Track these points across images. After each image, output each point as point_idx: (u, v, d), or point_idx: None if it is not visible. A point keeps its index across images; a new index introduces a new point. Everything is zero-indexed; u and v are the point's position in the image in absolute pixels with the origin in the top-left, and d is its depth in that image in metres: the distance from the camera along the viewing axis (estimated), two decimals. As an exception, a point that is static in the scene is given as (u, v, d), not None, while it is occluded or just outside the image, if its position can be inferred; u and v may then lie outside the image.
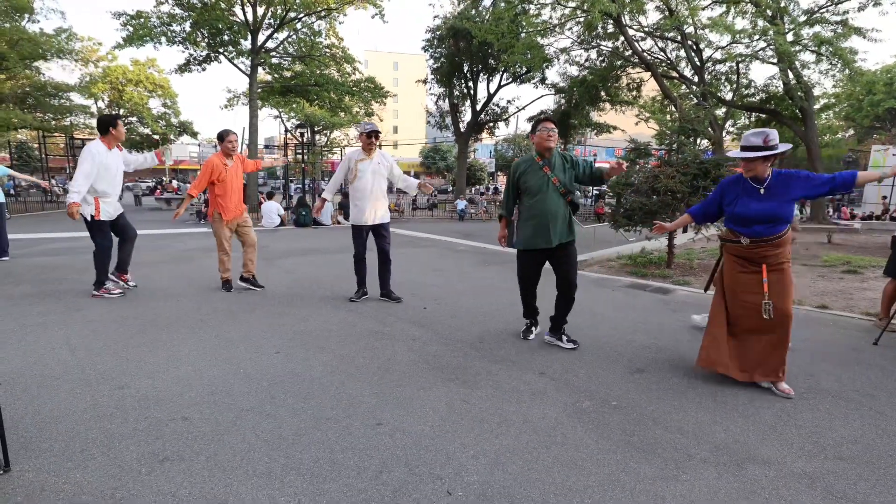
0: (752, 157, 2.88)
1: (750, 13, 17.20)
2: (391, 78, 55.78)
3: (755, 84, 21.19)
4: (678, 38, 18.80)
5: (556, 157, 3.63)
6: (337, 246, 9.62)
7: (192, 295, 5.15)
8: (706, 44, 18.86)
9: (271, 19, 18.56)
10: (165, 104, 36.38)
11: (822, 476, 2.16)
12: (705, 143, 21.49)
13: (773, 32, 15.61)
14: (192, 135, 37.04)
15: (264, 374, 3.11)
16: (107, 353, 3.40)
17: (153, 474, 2.05)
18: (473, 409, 2.71)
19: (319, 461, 2.18)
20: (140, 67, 34.85)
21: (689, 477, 2.13)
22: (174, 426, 2.44)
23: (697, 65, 19.45)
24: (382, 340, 3.84)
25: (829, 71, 17.93)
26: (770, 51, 17.02)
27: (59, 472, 2.05)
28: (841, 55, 15.87)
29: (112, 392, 2.79)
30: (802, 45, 16.52)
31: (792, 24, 16.81)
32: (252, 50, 18.28)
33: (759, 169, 2.92)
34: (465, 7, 22.94)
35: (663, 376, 3.25)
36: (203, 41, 18.68)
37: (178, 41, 18.34)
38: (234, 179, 5.27)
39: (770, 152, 2.86)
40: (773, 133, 2.90)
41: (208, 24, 17.49)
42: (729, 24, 16.51)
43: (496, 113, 27.36)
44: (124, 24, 17.50)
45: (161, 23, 17.85)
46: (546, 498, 1.97)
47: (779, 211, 2.92)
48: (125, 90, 34.05)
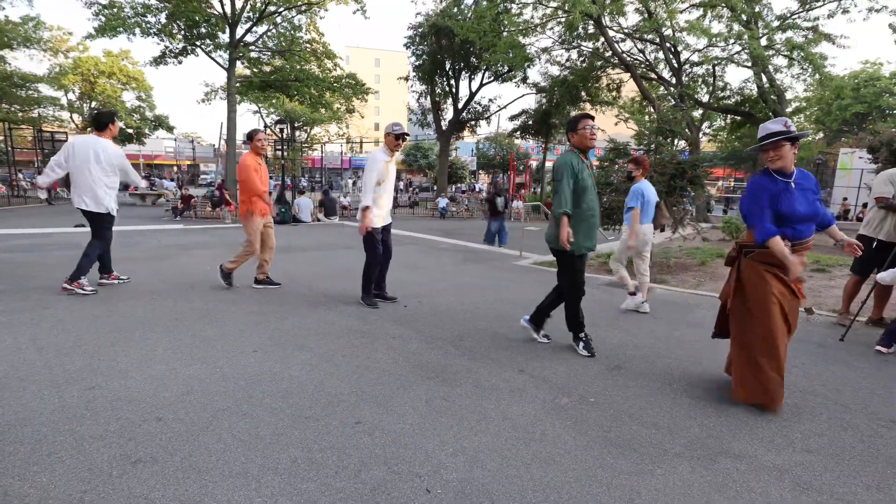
0: (779, 140, 2.65)
1: (726, 17, 17.59)
2: (373, 74, 55.41)
3: (731, 87, 21.74)
4: (657, 40, 19.11)
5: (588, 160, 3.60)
6: (317, 243, 9.53)
7: (167, 293, 5.04)
8: (684, 46, 19.26)
9: (250, 12, 18.22)
10: (140, 97, 35.47)
11: (790, 468, 2.23)
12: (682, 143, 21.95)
13: (747, 36, 16.01)
14: (168, 129, 36.21)
15: (241, 373, 3.06)
16: (77, 352, 3.30)
17: (125, 477, 2.00)
18: (453, 407, 2.71)
19: (297, 461, 2.15)
20: (113, 59, 33.87)
21: (663, 471, 2.17)
22: (147, 427, 2.38)
23: (675, 67, 19.81)
24: (362, 339, 3.82)
25: (800, 75, 18.52)
26: (745, 54, 17.45)
27: (25, 476, 1.98)
28: (811, 60, 16.38)
29: (82, 393, 2.71)
30: (775, 49, 16.99)
31: (766, 28, 17.25)
32: (230, 43, 17.92)
33: (788, 157, 2.69)
34: (447, 4, 22.90)
35: (640, 373, 3.31)
36: (179, 33, 18.23)
37: (152, 33, 17.86)
38: (265, 178, 5.30)
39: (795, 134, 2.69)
40: (789, 121, 2.76)
41: (184, 15, 17.07)
42: (706, 27, 16.86)
43: (478, 111, 27.44)
44: (96, 14, 16.97)
45: (135, 13, 17.36)
46: (524, 494, 1.98)
47: (819, 208, 2.77)
48: (97, 82, 33.07)
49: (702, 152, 19.88)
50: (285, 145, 20.36)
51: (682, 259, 8.44)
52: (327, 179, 38.65)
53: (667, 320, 4.66)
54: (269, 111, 28.29)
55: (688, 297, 5.78)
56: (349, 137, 34.80)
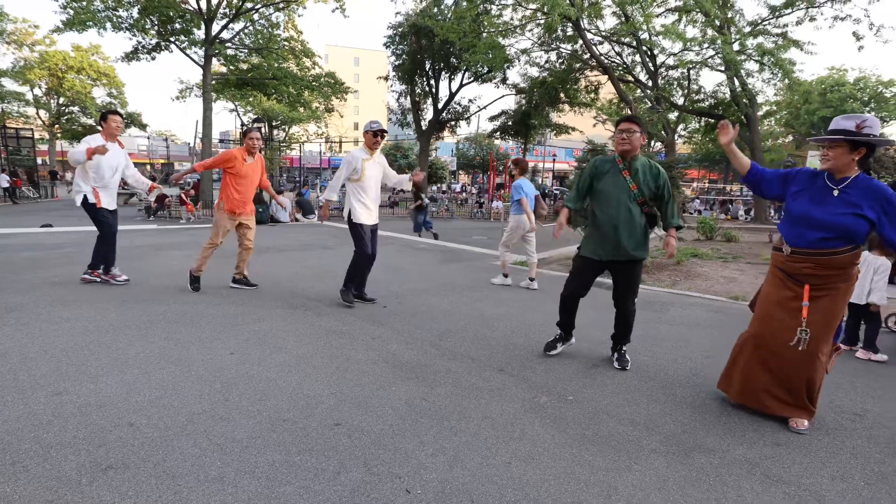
0: (834, 140, 2.35)
1: (700, 22, 18.03)
2: (352, 73, 55.00)
3: (705, 90, 22.30)
4: (634, 43, 19.48)
5: (641, 164, 3.29)
6: (295, 244, 9.42)
7: (140, 295, 4.91)
8: (660, 50, 19.67)
9: (226, 9, 17.91)
10: (111, 94, 34.52)
11: (760, 461, 2.30)
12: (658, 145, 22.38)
13: (720, 41, 16.45)
14: (141, 127, 35.32)
15: (217, 376, 3.01)
16: (43, 357, 3.19)
17: (94, 484, 1.94)
18: (433, 407, 2.71)
19: (275, 464, 2.12)
20: (82, 54, 32.87)
21: (640, 467, 2.21)
22: (119, 433, 2.32)
23: (651, 70, 20.21)
24: (341, 339, 3.79)
25: (770, 80, 19.12)
26: (718, 59, 17.92)
27: (-11, 485, 1.91)
28: (781, 65, 16.91)
29: (49, 399, 2.62)
30: (747, 54, 17.48)
31: (738, 34, 17.74)
32: (206, 40, 17.58)
33: (840, 160, 2.36)
34: (427, 5, 22.90)
35: (618, 371, 3.36)
36: (152, 29, 17.82)
37: (124, 27, 17.41)
38: (250, 177, 5.21)
39: (861, 139, 2.29)
40: (871, 120, 2.32)
41: (158, 10, 16.70)
42: (681, 31, 17.26)
43: (458, 112, 27.49)
44: (64, 7, 16.46)
45: (105, 7, 16.89)
46: (503, 493, 1.99)
47: (845, 221, 2.34)
48: (66, 77, 32.05)
49: (677, 154, 20.31)
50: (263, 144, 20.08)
51: (658, 259, 8.60)
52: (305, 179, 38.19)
53: (643, 319, 4.74)
54: (246, 109, 27.84)
55: (663, 295, 5.90)
56: (328, 137, 34.52)
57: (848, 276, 2.45)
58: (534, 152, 32.41)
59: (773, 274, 2.66)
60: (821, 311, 2.46)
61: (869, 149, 2.36)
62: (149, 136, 41.73)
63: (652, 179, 3.27)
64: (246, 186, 5.17)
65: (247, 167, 5.15)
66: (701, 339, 4.18)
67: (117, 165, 5.11)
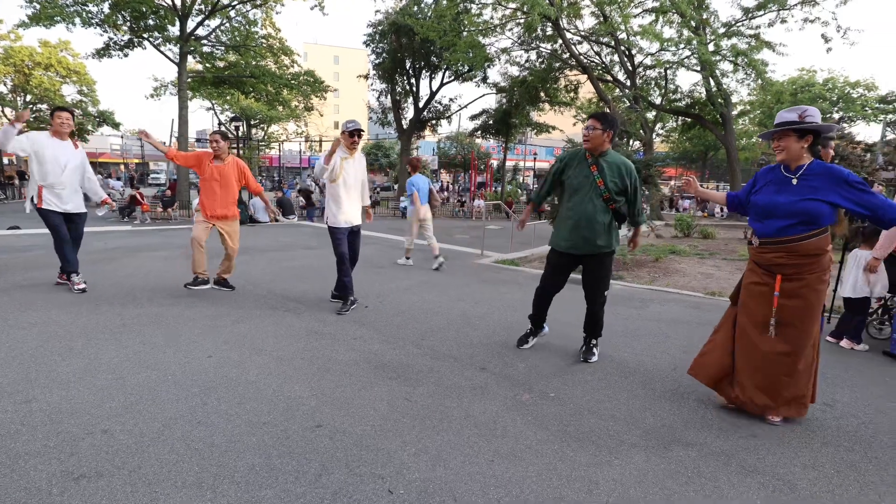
0: (782, 131, 2.48)
1: (676, 23, 18.33)
2: (332, 72, 54.46)
3: (681, 90, 22.69)
4: (612, 43, 19.71)
5: (610, 161, 3.31)
6: (275, 244, 9.30)
7: (113, 298, 4.79)
8: (637, 50, 19.97)
9: (202, 5, 17.56)
10: (81, 91, 33.51)
11: (736, 453, 2.35)
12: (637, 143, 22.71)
13: (696, 42, 16.77)
14: (114, 126, 34.37)
15: (195, 379, 2.95)
16: (10, 364, 3.09)
17: (66, 494, 1.89)
18: (415, 407, 2.71)
19: (255, 468, 2.09)
20: (50, 50, 31.81)
21: (620, 461, 2.24)
22: (91, 440, 2.26)
23: (630, 70, 20.48)
24: (322, 340, 3.75)
25: (744, 80, 19.57)
26: (694, 59, 18.25)
27: (-47, 497, 1.84)
28: (754, 66, 17.32)
29: (17, 406, 2.54)
30: (722, 55, 17.84)
31: (713, 35, 18.11)
32: (181, 37, 17.21)
33: (791, 149, 2.48)
34: (407, 3, 22.78)
35: (598, 368, 3.40)
36: (124, 24, 17.37)
37: (94, 23, 16.92)
38: (221, 181, 5.07)
39: (807, 126, 2.42)
40: (812, 110, 2.45)
41: (130, 6, 16.27)
42: (658, 32, 17.52)
43: (438, 110, 27.40)
44: (30, 1, 15.93)
45: (74, 2, 16.40)
46: (486, 491, 2.00)
47: (806, 206, 2.42)
48: (32, 74, 31.00)
49: (655, 152, 20.64)
50: (241, 143, 19.74)
51: (636, 256, 8.73)
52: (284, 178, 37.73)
53: (623, 315, 4.81)
54: (223, 108, 27.37)
55: (642, 292, 5.99)
56: (308, 136, 34.14)
57: (819, 266, 2.48)
58: (515, 151, 32.58)
59: (748, 268, 2.75)
60: (793, 302, 2.52)
61: (815, 136, 2.49)
62: (122, 136, 40.69)
63: (619, 177, 3.29)
64: (214, 190, 5.05)
65: (213, 170, 5.02)
66: (679, 334, 4.26)
67: (66, 164, 4.79)
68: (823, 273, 2.51)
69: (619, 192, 3.32)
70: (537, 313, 3.74)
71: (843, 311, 4.25)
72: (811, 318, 2.53)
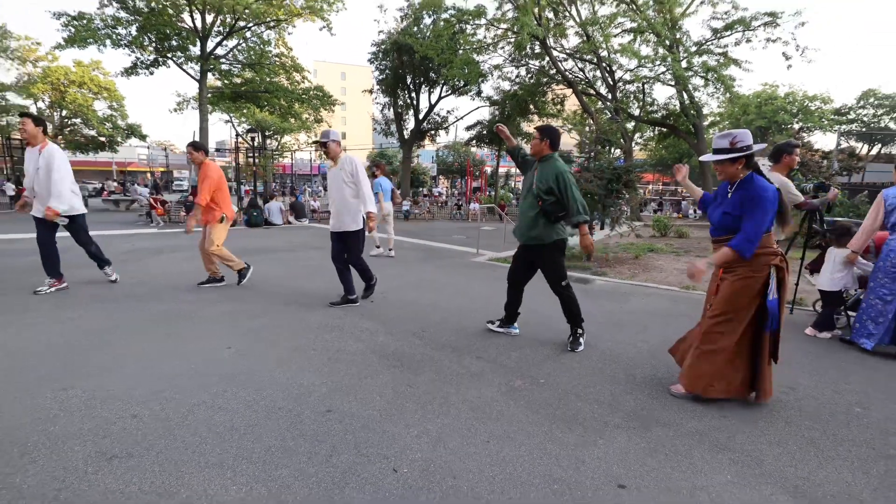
0: (719, 160, 2.56)
1: (652, 42, 18.32)
2: (339, 87, 54.36)
3: (658, 102, 22.67)
4: (595, 60, 19.68)
5: (545, 166, 3.42)
6: (288, 245, 9.28)
7: (140, 295, 4.77)
8: (618, 66, 19.94)
9: (221, 27, 17.51)
10: (112, 106, 33.36)
11: (708, 432, 2.35)
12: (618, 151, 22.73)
13: (670, 59, 16.79)
14: (141, 137, 34.24)
15: (216, 369, 2.94)
16: (49, 355, 3.08)
17: (100, 473, 1.88)
18: (417, 393, 2.71)
19: (271, 449, 2.09)
20: (84, 69, 31.67)
21: (604, 441, 2.25)
22: (122, 424, 2.25)
23: (611, 84, 20.47)
24: (332, 333, 3.75)
25: (714, 94, 19.59)
26: (669, 75, 18.25)
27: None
28: (723, 81, 17.36)
29: (55, 394, 2.53)
30: (694, 71, 17.85)
31: (685, 53, 18.13)
32: (201, 56, 17.18)
33: (726, 171, 2.58)
34: (407, 24, 22.71)
35: (584, 356, 3.40)
36: (150, 45, 17.31)
37: (123, 44, 16.88)
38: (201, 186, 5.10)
39: (736, 154, 2.49)
40: (741, 134, 2.52)
41: (155, 29, 16.24)
42: (636, 50, 17.52)
43: (437, 122, 27.37)
44: (65, 25, 15.87)
45: (105, 25, 16.34)
46: (482, 469, 2.00)
47: (721, 218, 2.60)
48: (68, 91, 30.87)
49: (634, 160, 20.64)
50: (256, 153, 19.68)
51: (618, 254, 8.73)
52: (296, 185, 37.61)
53: (606, 308, 4.81)
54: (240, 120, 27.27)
55: (624, 287, 5.99)
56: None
57: (746, 265, 2.51)
58: (507, 158, 32.57)
59: None
60: (722, 289, 2.62)
61: (747, 157, 2.52)
62: (148, 146, 40.54)
63: (545, 179, 3.40)
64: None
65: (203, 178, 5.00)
66: (658, 325, 4.26)
67: (28, 170, 4.55)
68: (752, 271, 2.51)
69: (547, 192, 3.39)
70: (507, 301, 3.83)
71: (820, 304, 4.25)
72: (727, 303, 2.58)
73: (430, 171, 44.05)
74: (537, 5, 16.26)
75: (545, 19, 17.66)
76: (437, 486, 1.88)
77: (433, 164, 42.61)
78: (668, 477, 1.98)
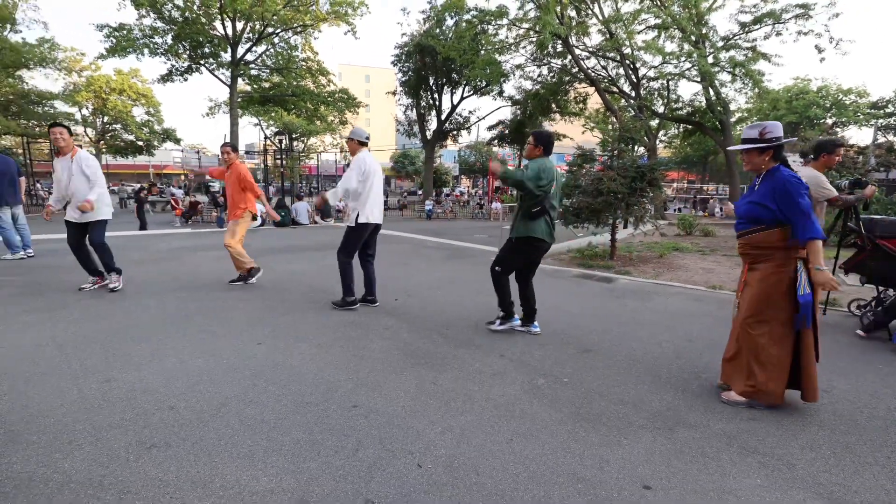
0: (746, 149, 2.52)
1: (677, 38, 17.84)
2: (363, 89, 54.96)
3: (682, 99, 22.11)
4: (618, 57, 19.31)
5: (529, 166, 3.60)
6: (313, 244, 9.44)
7: (176, 292, 4.93)
8: (641, 63, 19.50)
9: (250, 34, 17.93)
10: (149, 112, 34.65)
11: (737, 434, 2.28)
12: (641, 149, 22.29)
13: (696, 55, 16.30)
14: (176, 141, 35.44)
15: (247, 364, 3.02)
16: (93, 348, 3.22)
17: (140, 461, 1.96)
18: (441, 390, 2.71)
19: (300, 442, 2.13)
20: (123, 77, 33.03)
21: (629, 441, 2.20)
22: (160, 415, 2.34)
23: (634, 81, 20.04)
24: (357, 330, 3.79)
25: (742, 89, 18.93)
26: (694, 71, 17.73)
27: (47, 462, 1.93)
28: (751, 76, 16.74)
29: (99, 385, 2.65)
30: (720, 66, 17.30)
31: (712, 48, 17.56)
32: (232, 62, 17.63)
33: (754, 161, 2.52)
34: (430, 26, 22.77)
35: (608, 355, 3.34)
36: (184, 53, 17.89)
37: (160, 53, 17.50)
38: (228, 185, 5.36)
39: (763, 145, 2.44)
40: (772, 125, 2.46)
41: (189, 37, 16.77)
42: (660, 46, 17.11)
43: (459, 122, 27.39)
44: (107, 36, 16.55)
45: (143, 35, 16.97)
46: (506, 466, 1.99)
47: (748, 209, 2.53)
48: (109, 99, 32.22)
49: (658, 157, 20.16)
50: (284, 155, 20.08)
51: (642, 252, 8.55)
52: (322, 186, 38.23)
53: (630, 307, 4.72)
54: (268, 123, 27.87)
55: (648, 286, 5.86)
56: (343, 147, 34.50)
57: (770, 257, 2.47)
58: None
59: None
60: (749, 286, 2.57)
61: (776, 148, 2.47)
62: (182, 150, 41.95)
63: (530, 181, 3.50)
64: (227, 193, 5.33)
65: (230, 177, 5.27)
66: (682, 324, 4.15)
67: (61, 178, 4.64)
68: (774, 265, 2.46)
69: None
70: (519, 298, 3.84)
71: None
72: (755, 301, 2.51)
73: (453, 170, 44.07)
74: (559, 4, 16.06)
75: (567, 18, 17.41)
76: (461, 482, 1.88)
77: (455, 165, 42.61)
78: (695, 479, 1.93)
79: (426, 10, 22.25)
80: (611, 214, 7.52)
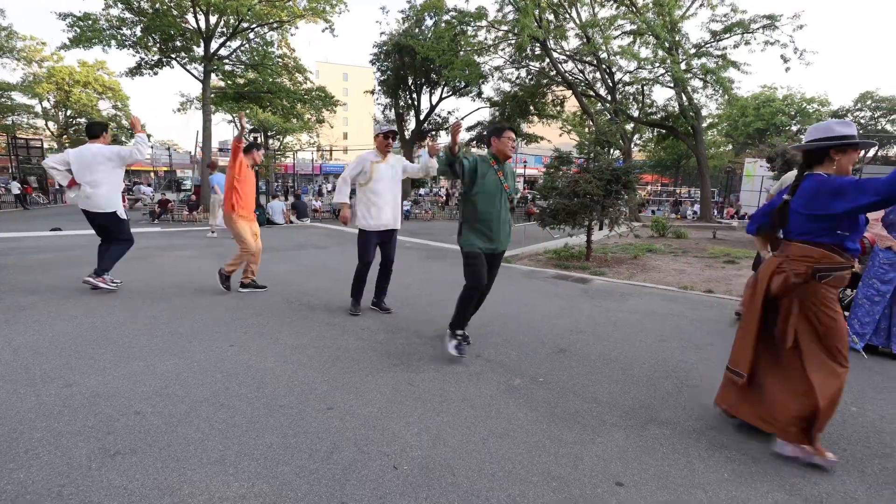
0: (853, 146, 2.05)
1: (652, 44, 18.31)
2: (341, 88, 54.28)
3: (657, 104, 22.68)
4: (594, 62, 19.67)
5: (509, 167, 3.37)
6: (290, 244, 9.28)
7: (144, 293, 4.77)
8: (617, 68, 19.95)
9: (224, 28, 17.48)
10: (116, 106, 33.44)
11: (706, 431, 2.35)
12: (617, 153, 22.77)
13: (669, 61, 16.77)
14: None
15: (218, 366, 2.94)
16: (53, 352, 3.08)
17: (104, 469, 1.88)
18: (417, 391, 2.70)
19: (273, 446, 2.09)
20: (88, 69, 31.76)
21: (602, 439, 2.24)
22: (126, 421, 2.25)
23: (610, 86, 20.47)
24: (333, 331, 3.75)
25: (712, 95, 19.60)
26: (668, 76, 18.26)
27: (0, 473, 1.83)
28: (721, 83, 17.35)
29: (59, 391, 2.53)
30: (693, 73, 17.86)
31: (684, 55, 18.12)
32: (205, 57, 17.15)
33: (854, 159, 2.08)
34: (409, 25, 22.72)
35: (582, 354, 3.40)
36: (154, 46, 17.29)
37: (128, 45, 16.86)
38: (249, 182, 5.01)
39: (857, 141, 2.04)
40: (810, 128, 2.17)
41: (160, 29, 16.21)
42: (635, 52, 17.52)
43: (438, 123, 27.39)
44: (71, 26, 15.86)
45: (110, 26, 16.33)
46: (482, 466, 2.00)
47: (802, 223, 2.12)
48: (72, 91, 30.93)
49: (633, 161, 20.62)
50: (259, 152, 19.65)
51: (617, 254, 8.73)
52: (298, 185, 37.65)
53: (605, 307, 4.81)
54: (243, 121, 27.20)
55: (622, 287, 5.99)
56: (320, 146, 34.07)
57: None
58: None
59: None
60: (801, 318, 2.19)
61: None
62: (152, 146, 40.51)
63: (514, 180, 3.42)
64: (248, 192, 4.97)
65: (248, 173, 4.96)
66: (655, 324, 4.26)
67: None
68: None
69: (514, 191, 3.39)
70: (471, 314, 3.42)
71: None
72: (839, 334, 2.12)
73: (431, 171, 43.93)
74: (538, 7, 16.24)
75: (545, 21, 17.63)
76: (437, 483, 1.88)
77: (434, 165, 42.53)
78: (665, 475, 1.98)
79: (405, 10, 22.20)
80: (586, 216, 7.65)
